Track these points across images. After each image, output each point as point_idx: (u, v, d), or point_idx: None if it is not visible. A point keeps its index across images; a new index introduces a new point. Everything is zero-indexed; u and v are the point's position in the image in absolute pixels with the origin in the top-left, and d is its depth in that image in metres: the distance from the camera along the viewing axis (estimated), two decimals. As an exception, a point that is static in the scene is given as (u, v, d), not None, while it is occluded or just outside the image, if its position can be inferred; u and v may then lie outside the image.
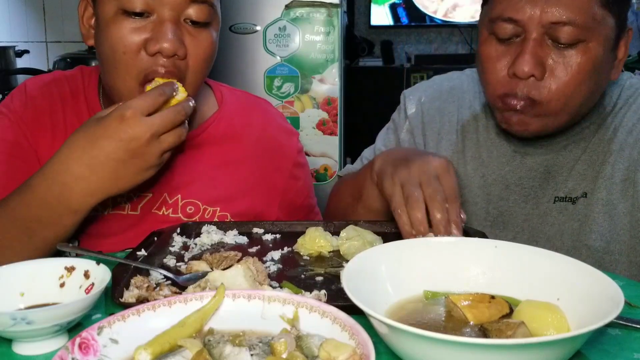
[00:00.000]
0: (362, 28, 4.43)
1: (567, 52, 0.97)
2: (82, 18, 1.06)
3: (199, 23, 0.99)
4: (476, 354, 0.53)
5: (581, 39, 0.96)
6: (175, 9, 0.97)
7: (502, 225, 1.13)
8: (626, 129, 1.07)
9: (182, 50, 0.97)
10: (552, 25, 0.96)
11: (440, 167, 0.91)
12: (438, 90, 1.26)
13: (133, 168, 0.89)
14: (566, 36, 0.96)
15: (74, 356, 0.53)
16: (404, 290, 0.71)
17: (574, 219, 1.08)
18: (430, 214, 0.86)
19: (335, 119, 2.86)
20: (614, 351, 0.64)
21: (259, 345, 0.57)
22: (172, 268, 0.86)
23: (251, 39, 2.82)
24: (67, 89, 1.14)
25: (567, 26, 0.95)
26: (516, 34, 0.99)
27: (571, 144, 1.10)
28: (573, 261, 0.69)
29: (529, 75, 0.97)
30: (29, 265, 0.73)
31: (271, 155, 1.20)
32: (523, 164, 1.12)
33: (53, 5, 3.55)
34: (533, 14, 0.96)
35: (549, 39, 0.97)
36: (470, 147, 1.18)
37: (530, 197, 1.12)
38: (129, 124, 0.87)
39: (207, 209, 1.12)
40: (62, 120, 1.11)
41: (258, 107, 1.25)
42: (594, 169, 1.08)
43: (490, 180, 1.15)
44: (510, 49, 1.00)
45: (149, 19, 0.97)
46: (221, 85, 1.25)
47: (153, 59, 0.97)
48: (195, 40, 1.00)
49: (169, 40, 0.95)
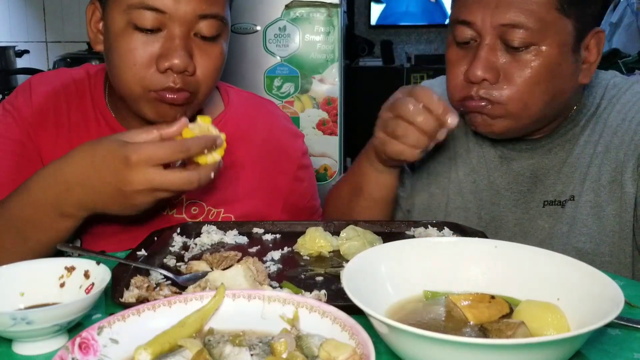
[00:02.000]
0: (362, 28, 4.43)
1: (520, 56, 0.97)
2: (89, 22, 1.05)
3: (209, 37, 0.99)
4: (476, 354, 0.53)
5: (533, 43, 0.96)
6: (185, 25, 0.96)
7: (494, 230, 1.13)
8: (611, 129, 1.07)
9: (192, 67, 0.98)
10: (503, 27, 0.96)
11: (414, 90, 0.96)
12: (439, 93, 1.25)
13: (121, 204, 0.88)
14: (518, 39, 0.95)
15: (74, 356, 0.53)
16: (404, 290, 0.71)
17: (563, 222, 1.08)
18: None
19: (335, 119, 2.86)
20: (614, 351, 0.64)
21: (259, 345, 0.57)
22: (172, 268, 0.86)
23: (251, 39, 2.82)
24: (72, 88, 1.13)
25: (517, 29, 0.95)
26: (473, 38, 1.00)
27: (556, 147, 1.10)
28: (573, 261, 0.69)
29: (481, 79, 0.98)
30: (29, 265, 0.73)
31: (276, 157, 1.20)
32: (510, 169, 1.12)
33: (53, 5, 3.55)
34: (485, 16, 0.97)
35: (502, 43, 0.98)
36: (461, 153, 1.18)
37: (520, 201, 1.12)
38: (129, 168, 0.84)
39: (211, 210, 1.12)
40: (66, 119, 1.11)
41: (264, 109, 1.25)
42: (581, 172, 1.08)
43: (481, 186, 1.15)
44: (467, 53, 1.02)
45: (159, 34, 0.96)
46: (227, 86, 1.25)
47: (164, 75, 0.97)
48: (204, 55, 1.00)
49: (179, 57, 0.95)
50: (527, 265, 0.71)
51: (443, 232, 0.99)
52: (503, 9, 0.95)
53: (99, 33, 1.04)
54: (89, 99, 1.13)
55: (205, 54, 1.00)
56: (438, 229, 1.00)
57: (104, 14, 1.01)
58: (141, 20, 0.95)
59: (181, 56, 0.95)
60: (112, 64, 1.00)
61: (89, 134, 1.10)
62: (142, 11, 0.94)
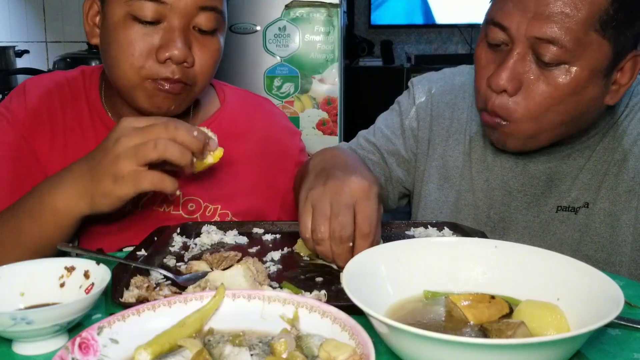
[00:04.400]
0: (362, 28, 4.43)
1: (548, 72, 0.93)
2: (86, 15, 1.06)
3: (206, 31, 1.01)
4: (476, 354, 0.53)
5: (564, 61, 0.91)
6: (185, 17, 0.98)
7: (502, 231, 1.12)
8: (631, 138, 1.04)
9: (191, 59, 0.99)
10: (537, 40, 0.91)
11: (359, 192, 0.81)
12: (450, 84, 1.22)
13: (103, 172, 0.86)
14: (549, 55, 0.91)
15: (74, 356, 0.53)
16: (404, 290, 0.71)
17: (575, 229, 1.06)
18: (332, 250, 0.80)
19: (335, 119, 2.86)
20: (614, 351, 0.64)
21: (259, 345, 0.57)
22: (172, 268, 0.86)
23: (251, 39, 2.83)
24: (67, 90, 1.14)
25: (551, 45, 0.90)
26: (504, 42, 0.96)
27: (575, 152, 1.06)
28: (573, 261, 0.69)
29: (501, 89, 0.95)
30: (29, 265, 0.73)
31: (274, 156, 1.20)
32: (526, 170, 1.10)
33: (53, 5, 3.55)
34: (520, 25, 0.92)
35: (533, 55, 0.93)
36: (476, 150, 1.15)
37: (532, 204, 1.09)
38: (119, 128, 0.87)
39: (208, 206, 1.12)
40: (61, 120, 1.11)
41: (261, 107, 1.25)
42: (597, 179, 1.05)
43: (493, 185, 1.13)
44: (497, 57, 0.98)
45: (159, 26, 0.98)
46: (224, 85, 1.25)
47: (163, 66, 0.98)
48: (203, 48, 1.01)
49: (179, 49, 0.97)
50: (527, 265, 0.71)
51: (443, 232, 0.99)
52: (540, 21, 0.90)
53: (96, 26, 1.05)
54: (83, 99, 1.13)
55: (204, 47, 1.01)
56: (438, 229, 1.00)
57: (102, 7, 1.02)
58: (142, 11, 0.96)
59: (181, 47, 0.97)
60: (109, 55, 1.01)
61: (84, 134, 1.11)
62: (142, 2, 0.96)
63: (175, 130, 0.86)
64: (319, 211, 0.80)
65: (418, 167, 1.21)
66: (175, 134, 0.86)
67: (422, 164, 1.20)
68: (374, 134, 1.23)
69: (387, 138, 1.21)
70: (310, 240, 0.81)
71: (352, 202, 0.80)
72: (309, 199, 0.82)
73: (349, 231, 0.78)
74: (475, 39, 4.36)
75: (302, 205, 0.83)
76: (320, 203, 0.81)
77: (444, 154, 1.18)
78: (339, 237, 0.78)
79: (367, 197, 0.81)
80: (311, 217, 0.81)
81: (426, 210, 1.19)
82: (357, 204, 0.80)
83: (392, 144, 1.21)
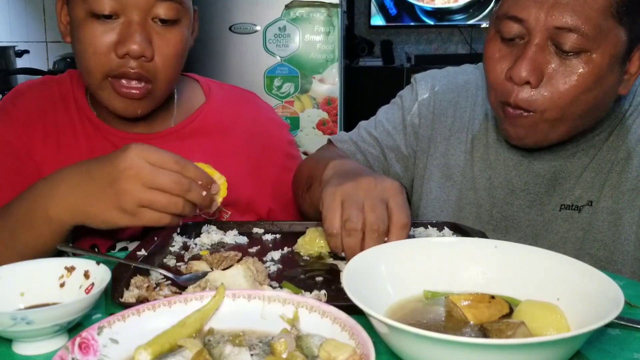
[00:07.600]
0: (362, 28, 4.43)
1: (569, 61, 0.93)
2: (59, 15, 1.08)
3: (168, 21, 1.01)
4: (476, 354, 0.53)
5: (585, 49, 0.91)
6: (142, 10, 0.98)
7: (504, 229, 1.11)
8: (635, 136, 1.04)
9: (150, 52, 0.99)
10: (557, 30, 0.91)
11: (391, 190, 0.82)
12: (453, 82, 1.22)
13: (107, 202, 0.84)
14: (570, 44, 0.91)
15: (74, 356, 0.53)
16: (404, 290, 0.71)
17: (579, 227, 1.06)
18: (364, 242, 0.79)
19: (335, 119, 2.86)
20: (614, 351, 0.64)
21: (259, 345, 0.57)
22: (172, 268, 0.86)
23: (251, 39, 2.82)
24: (56, 92, 1.15)
25: (572, 33, 0.90)
26: (520, 35, 0.96)
27: (580, 151, 1.06)
28: (573, 261, 0.69)
29: (524, 81, 0.94)
30: (29, 265, 0.73)
31: (261, 147, 1.21)
32: (530, 169, 1.09)
33: (53, 5, 3.54)
34: (538, 16, 0.92)
35: (552, 45, 0.93)
36: (478, 148, 1.15)
37: (536, 203, 1.09)
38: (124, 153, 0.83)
39: None
40: (53, 121, 1.13)
41: (247, 100, 1.26)
42: (601, 177, 1.05)
43: (496, 183, 1.12)
44: (512, 50, 0.97)
45: (117, 21, 0.98)
46: (209, 80, 1.27)
47: (123, 60, 0.99)
48: (164, 40, 1.01)
49: (136, 43, 0.97)
50: (527, 265, 0.71)
51: (443, 232, 0.99)
52: (559, 11, 0.90)
53: (67, 25, 1.06)
54: (72, 101, 1.15)
55: (164, 39, 1.01)
56: (438, 229, 1.00)
57: (68, 6, 1.04)
58: (98, 6, 0.97)
59: (139, 42, 0.97)
60: (76, 53, 1.03)
61: (75, 133, 1.12)
62: None
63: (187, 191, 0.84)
64: (352, 204, 0.80)
65: (417, 165, 1.21)
66: (185, 195, 0.85)
67: (421, 161, 1.20)
68: (375, 127, 1.23)
69: (388, 133, 1.21)
70: (339, 235, 0.81)
71: (386, 198, 0.82)
72: (337, 194, 0.82)
73: (385, 225, 0.79)
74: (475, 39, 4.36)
75: (329, 201, 0.82)
76: (353, 197, 0.81)
77: (445, 152, 1.18)
78: (376, 229, 0.79)
79: (400, 192, 0.83)
80: (340, 211, 0.81)
81: (427, 208, 1.18)
82: (390, 199, 0.82)
83: (393, 139, 1.21)
